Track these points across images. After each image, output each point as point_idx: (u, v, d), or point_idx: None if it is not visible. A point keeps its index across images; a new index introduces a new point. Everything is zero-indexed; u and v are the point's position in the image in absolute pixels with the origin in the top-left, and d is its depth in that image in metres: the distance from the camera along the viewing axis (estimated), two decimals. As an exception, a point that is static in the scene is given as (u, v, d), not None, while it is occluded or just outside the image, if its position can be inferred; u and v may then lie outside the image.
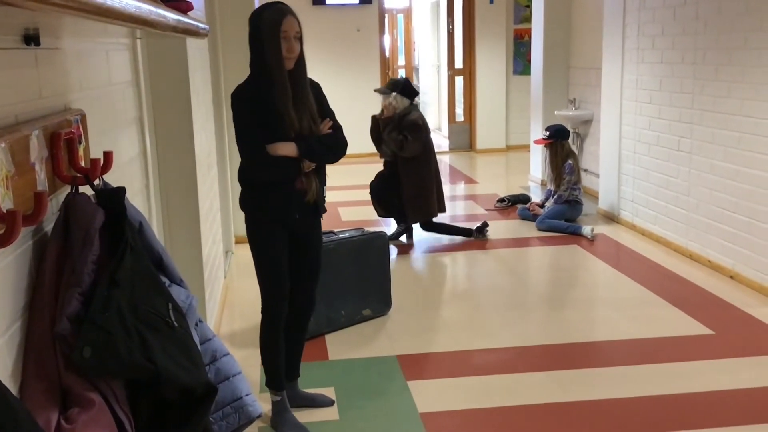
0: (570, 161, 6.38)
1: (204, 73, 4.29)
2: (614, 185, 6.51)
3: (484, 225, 6.15)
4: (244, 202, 2.98)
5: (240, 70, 5.71)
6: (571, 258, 5.59)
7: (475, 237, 6.10)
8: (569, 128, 7.93)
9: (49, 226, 1.57)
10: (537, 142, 6.93)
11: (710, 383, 3.45)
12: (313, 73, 3.01)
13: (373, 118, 5.89)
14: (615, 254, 5.69)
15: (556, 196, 6.44)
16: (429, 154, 5.83)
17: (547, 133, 6.50)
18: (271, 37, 2.74)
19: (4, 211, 1.19)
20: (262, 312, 3.08)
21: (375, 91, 5.93)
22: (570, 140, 7.75)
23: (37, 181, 1.43)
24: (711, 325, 4.12)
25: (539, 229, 6.27)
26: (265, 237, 2.93)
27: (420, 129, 5.70)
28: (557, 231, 6.19)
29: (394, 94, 5.66)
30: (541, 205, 6.62)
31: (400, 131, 5.65)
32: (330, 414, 3.25)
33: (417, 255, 5.74)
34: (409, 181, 5.72)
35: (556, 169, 6.42)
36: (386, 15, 11.32)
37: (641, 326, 4.35)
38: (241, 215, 2.89)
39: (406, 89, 5.74)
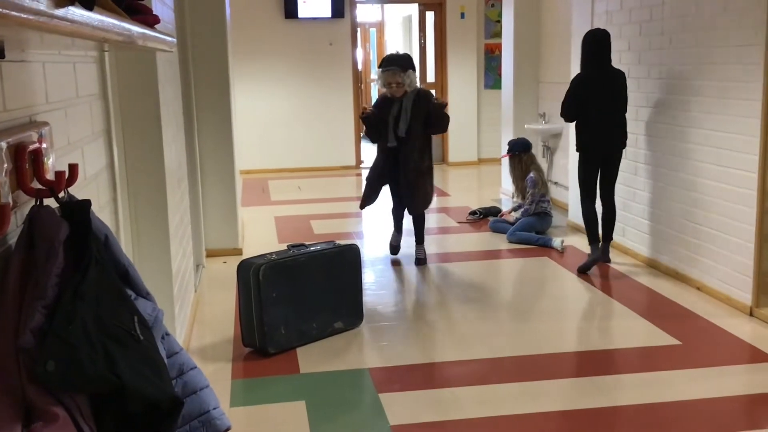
0: (532, 174, 6.51)
1: (174, 86, 4.28)
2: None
3: None
4: None
5: (210, 83, 5.78)
6: (542, 270, 5.64)
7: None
8: (540, 141, 8.04)
9: (12, 239, 1.56)
10: (503, 156, 7.14)
11: (678, 393, 3.50)
12: (285, 86, 3.03)
13: (365, 114, 5.65)
14: (585, 266, 5.75)
15: (522, 210, 6.55)
16: None
17: (507, 147, 6.80)
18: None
19: (-34, 224, 1.18)
20: None
21: (386, 70, 5.45)
22: (540, 154, 7.87)
23: (0, 193, 1.42)
24: (678, 336, 4.18)
25: (510, 242, 6.32)
26: None
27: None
28: (528, 243, 6.24)
29: (409, 71, 5.45)
30: (513, 210, 6.87)
31: (430, 107, 5.48)
32: (301, 427, 3.24)
33: (387, 267, 5.75)
34: (428, 162, 5.61)
35: (517, 181, 6.69)
36: (359, 28, 11.38)
37: (610, 337, 4.40)
38: (213, 228, 2.88)
39: (412, 63, 5.57)
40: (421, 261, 5.79)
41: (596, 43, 5.28)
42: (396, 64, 5.45)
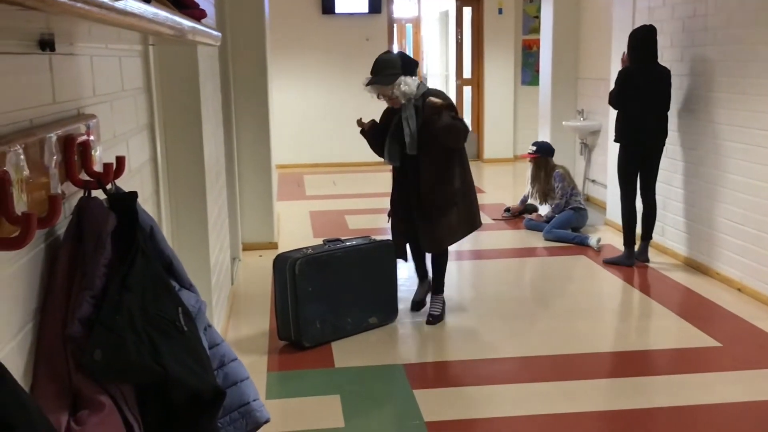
0: (559, 170, 6.52)
1: (214, 80, 4.32)
2: (622, 196, 6.50)
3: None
4: None
5: (248, 78, 5.82)
6: (578, 268, 5.58)
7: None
8: (578, 138, 7.96)
9: (61, 230, 1.59)
10: (523, 156, 6.98)
11: (717, 395, 3.44)
12: (321, 81, 3.04)
13: (361, 126, 4.50)
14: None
15: (554, 206, 6.49)
16: None
17: (534, 148, 6.69)
18: None
19: (19, 214, 1.21)
20: None
21: (368, 85, 4.19)
22: (578, 151, 7.79)
23: (51, 184, 1.44)
24: (718, 338, 4.11)
25: (546, 239, 6.27)
26: None
27: (454, 107, 4.37)
28: (564, 241, 6.18)
29: (401, 79, 4.13)
30: (522, 212, 7.03)
31: (440, 119, 4.15)
32: (336, 421, 3.26)
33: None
34: (454, 186, 4.27)
35: (538, 183, 6.60)
36: (395, 24, 11.37)
37: (647, 337, 4.34)
38: (249, 222, 2.89)
39: (408, 65, 4.25)
40: (433, 319, 4.41)
41: (642, 40, 5.21)
42: (380, 74, 4.15)
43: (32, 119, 1.49)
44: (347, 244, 4.28)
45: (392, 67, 4.17)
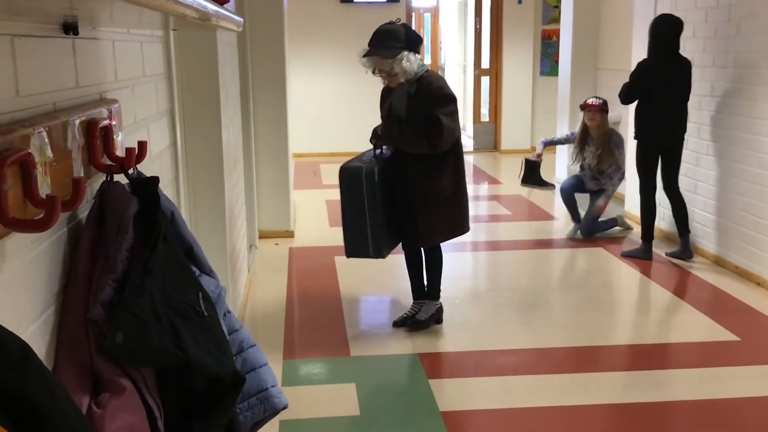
0: (615, 138, 5.89)
1: (233, 68, 4.32)
2: (640, 189, 6.44)
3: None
4: None
5: (266, 66, 5.81)
6: (595, 261, 5.55)
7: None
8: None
9: (83, 214, 1.59)
10: (586, 105, 5.94)
11: (736, 390, 3.41)
12: (339, 70, 3.02)
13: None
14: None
15: (608, 187, 5.92)
16: (459, 139, 3.93)
17: (600, 101, 5.90)
18: None
19: (43, 197, 1.21)
20: None
21: (365, 57, 3.81)
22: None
23: (74, 168, 1.45)
24: (737, 332, 4.07)
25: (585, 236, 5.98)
26: None
27: (455, 100, 3.86)
28: (600, 231, 6.03)
29: (404, 54, 3.69)
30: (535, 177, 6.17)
31: (427, 110, 3.72)
32: (351, 409, 3.26)
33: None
34: (446, 182, 3.89)
35: (596, 145, 5.83)
36: (413, 13, 11.32)
37: (666, 331, 4.31)
38: (266, 210, 2.90)
39: (412, 40, 3.77)
40: (413, 324, 4.06)
41: (669, 30, 5.09)
42: (381, 45, 3.74)
43: (55, 103, 1.49)
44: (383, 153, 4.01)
45: (396, 39, 3.72)
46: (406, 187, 3.89)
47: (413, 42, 3.76)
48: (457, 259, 5.63)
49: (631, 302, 4.76)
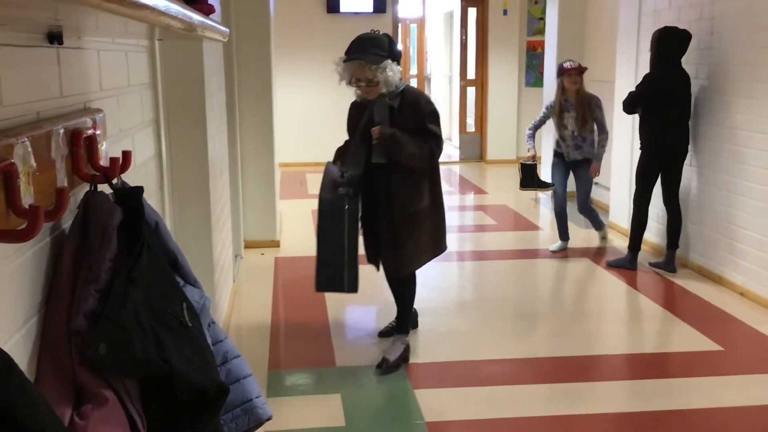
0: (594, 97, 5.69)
1: (219, 79, 4.31)
2: (626, 198, 6.48)
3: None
4: None
5: (253, 76, 5.81)
6: (581, 271, 5.57)
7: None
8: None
9: (66, 224, 1.58)
10: (565, 70, 5.69)
11: (719, 400, 3.43)
12: (325, 80, 3.03)
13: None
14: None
15: (598, 148, 5.73)
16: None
17: (577, 63, 5.75)
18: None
19: (26, 207, 1.20)
20: None
21: (347, 61, 3.51)
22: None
23: (57, 177, 1.44)
24: (720, 342, 4.10)
25: (582, 213, 5.89)
26: None
27: (439, 115, 3.71)
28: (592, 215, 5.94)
29: (388, 62, 3.49)
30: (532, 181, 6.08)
31: (416, 123, 3.56)
32: (336, 420, 3.25)
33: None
34: (427, 201, 3.71)
35: (576, 108, 5.67)
36: (399, 24, 11.36)
37: (650, 340, 4.33)
38: (252, 220, 2.90)
39: (394, 52, 3.59)
40: (385, 366, 3.74)
41: (679, 43, 5.08)
42: (365, 51, 3.49)
43: (39, 112, 1.48)
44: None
45: (379, 47, 3.51)
46: (389, 211, 3.63)
47: (396, 54, 3.58)
48: (443, 269, 5.64)
49: (617, 312, 4.78)
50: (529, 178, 6.04)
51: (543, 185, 6.17)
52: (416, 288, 3.96)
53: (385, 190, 3.64)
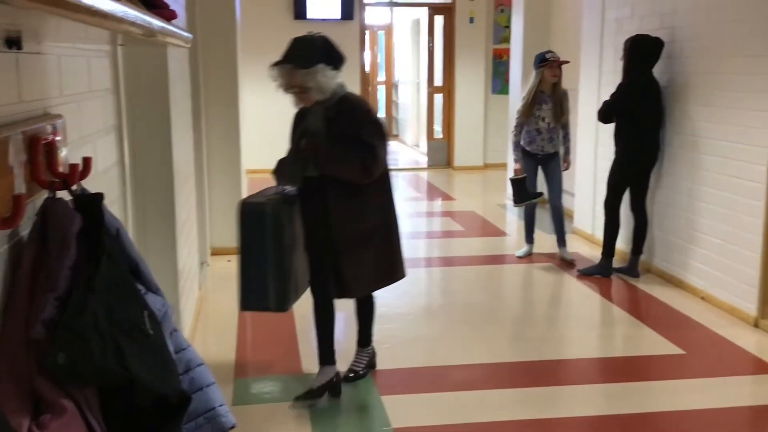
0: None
1: (184, 84, 4.28)
2: (589, 205, 6.58)
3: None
4: None
5: (219, 82, 5.78)
6: (547, 276, 5.63)
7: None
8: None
9: (25, 231, 1.56)
10: (548, 61, 5.63)
11: (680, 402, 3.48)
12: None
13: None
14: (589, 273, 5.73)
15: (566, 145, 5.83)
16: (388, 171, 3.44)
17: (558, 55, 5.73)
18: None
19: (-19, 214, 1.18)
20: None
21: (275, 65, 3.35)
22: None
23: (15, 184, 1.42)
24: (682, 345, 4.17)
25: (555, 207, 5.83)
26: None
27: (383, 124, 3.44)
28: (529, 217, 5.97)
29: (320, 67, 3.21)
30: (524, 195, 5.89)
31: (352, 134, 3.26)
32: (303, 427, 3.23)
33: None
34: (376, 219, 3.41)
35: (557, 94, 5.69)
36: (367, 31, 11.39)
37: (613, 345, 4.39)
38: (218, 227, 2.87)
39: (332, 55, 3.31)
40: (353, 375, 3.67)
41: (652, 51, 5.12)
42: (294, 55, 3.27)
43: (-4, 118, 1.46)
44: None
45: (310, 49, 3.24)
46: (328, 230, 3.31)
47: (333, 57, 3.28)
48: (411, 275, 5.63)
49: (582, 317, 4.83)
50: (522, 193, 5.85)
51: (536, 196, 5.95)
52: (374, 309, 3.74)
53: (322, 207, 3.31)
